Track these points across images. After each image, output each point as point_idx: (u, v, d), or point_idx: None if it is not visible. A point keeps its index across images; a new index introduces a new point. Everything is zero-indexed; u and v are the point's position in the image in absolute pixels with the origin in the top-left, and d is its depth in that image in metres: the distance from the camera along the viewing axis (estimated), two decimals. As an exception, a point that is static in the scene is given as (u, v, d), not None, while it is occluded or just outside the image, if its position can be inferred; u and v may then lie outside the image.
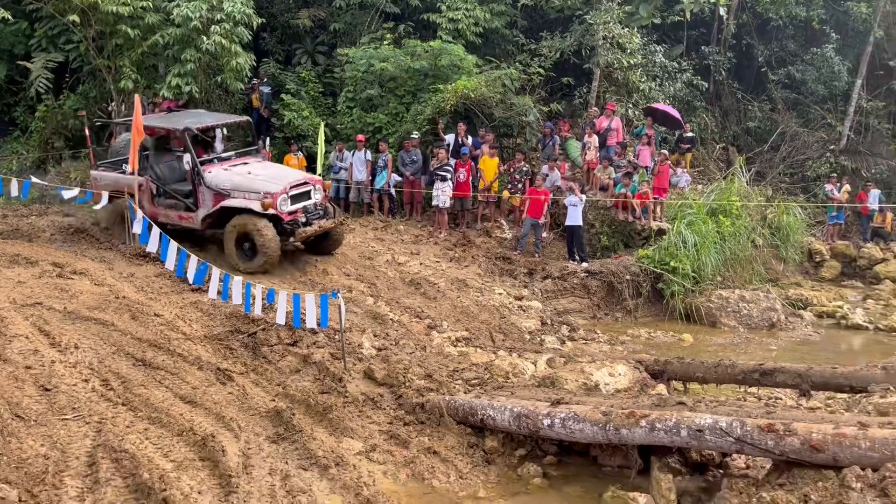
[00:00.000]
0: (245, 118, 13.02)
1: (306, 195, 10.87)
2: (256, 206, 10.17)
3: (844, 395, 8.60)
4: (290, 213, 10.52)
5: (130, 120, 10.88)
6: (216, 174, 10.69)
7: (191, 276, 9.34)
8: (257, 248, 10.15)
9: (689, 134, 17.89)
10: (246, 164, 11.24)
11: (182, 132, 10.67)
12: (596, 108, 16.59)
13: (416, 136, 14.95)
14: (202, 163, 10.73)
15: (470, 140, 14.96)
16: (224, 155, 11.62)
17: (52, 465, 5.70)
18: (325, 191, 11.38)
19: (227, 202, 10.40)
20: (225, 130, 13.89)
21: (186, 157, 10.73)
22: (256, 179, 10.60)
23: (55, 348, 7.46)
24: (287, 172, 11.51)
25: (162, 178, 11.19)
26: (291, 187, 10.58)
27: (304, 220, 10.72)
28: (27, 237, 11.34)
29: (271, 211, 10.18)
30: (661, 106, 17.25)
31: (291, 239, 10.59)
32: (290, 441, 6.78)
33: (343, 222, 11.74)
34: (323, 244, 11.34)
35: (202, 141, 11.79)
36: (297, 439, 6.78)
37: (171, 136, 11.28)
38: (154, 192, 11.02)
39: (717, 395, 8.72)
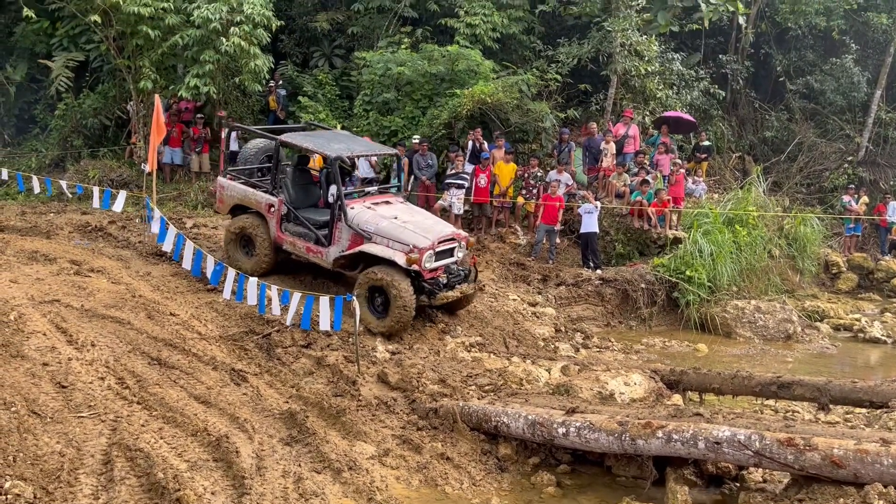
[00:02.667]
0: (394, 151, 11.84)
1: (450, 252, 9.70)
2: (400, 260, 8.97)
3: (864, 410, 8.49)
4: (432, 271, 9.37)
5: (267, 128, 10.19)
6: (360, 212, 9.49)
7: (209, 275, 9.39)
8: (391, 307, 8.98)
9: (706, 143, 17.82)
10: (389, 203, 10.03)
11: (334, 160, 9.51)
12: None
13: (417, 139, 14.75)
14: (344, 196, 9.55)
15: (486, 145, 14.93)
16: (368, 189, 10.48)
17: (67, 463, 5.71)
18: (468, 248, 10.18)
19: (367, 247, 9.19)
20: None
21: (332, 189, 9.57)
22: (405, 228, 9.33)
23: (72, 345, 7.50)
24: (434, 223, 10.01)
25: (295, 201, 10.10)
26: (439, 242, 9.40)
27: (444, 280, 9.62)
28: (45, 234, 11.43)
29: (414, 267, 9.04)
30: (671, 113, 17.17)
31: (429, 299, 9.38)
32: (303, 443, 6.77)
33: (482, 288, 10.75)
34: (452, 303, 10.00)
35: (340, 168, 10.19)
36: (310, 442, 6.76)
37: (321, 160, 10.10)
38: (284, 215, 9.95)
39: (734, 406, 8.65)
